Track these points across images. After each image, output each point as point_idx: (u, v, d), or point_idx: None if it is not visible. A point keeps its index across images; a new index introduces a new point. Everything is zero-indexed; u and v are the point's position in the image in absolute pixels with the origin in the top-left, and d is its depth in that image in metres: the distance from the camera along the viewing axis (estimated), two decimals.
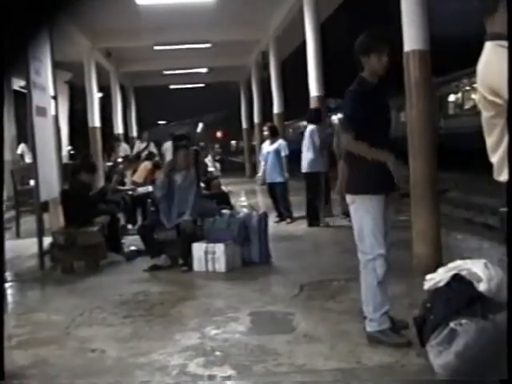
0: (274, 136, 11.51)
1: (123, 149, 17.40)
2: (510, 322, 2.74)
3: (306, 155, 10.51)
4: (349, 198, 4.77)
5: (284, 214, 11.36)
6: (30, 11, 1.88)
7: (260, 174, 11.83)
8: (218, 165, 15.35)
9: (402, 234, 7.29)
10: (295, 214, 11.39)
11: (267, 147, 11.49)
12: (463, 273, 4.25)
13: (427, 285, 4.43)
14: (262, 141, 13.06)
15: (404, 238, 7.11)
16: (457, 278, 4.23)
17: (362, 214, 4.64)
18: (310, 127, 10.59)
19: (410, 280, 6.13)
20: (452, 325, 3.89)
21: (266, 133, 11.87)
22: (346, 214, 10.92)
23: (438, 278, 4.38)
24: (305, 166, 10.59)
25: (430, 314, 4.15)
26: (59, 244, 8.08)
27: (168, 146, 18.50)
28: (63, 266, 8.00)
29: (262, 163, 11.67)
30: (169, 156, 16.07)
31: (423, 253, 6.76)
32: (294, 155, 11.33)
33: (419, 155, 6.76)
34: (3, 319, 4.06)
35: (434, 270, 4.70)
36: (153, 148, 18.44)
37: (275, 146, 11.28)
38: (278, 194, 11.40)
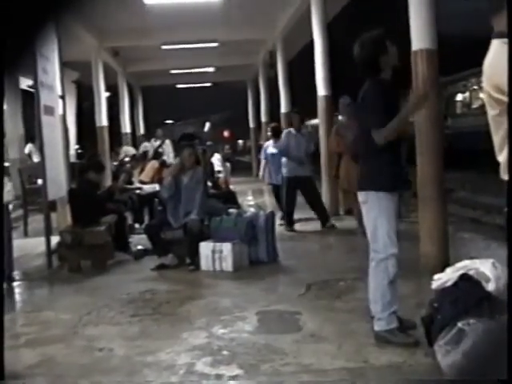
0: (276, 137, 11.42)
1: (124, 151, 17.45)
2: (510, 321, 2.75)
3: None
4: (361, 196, 4.77)
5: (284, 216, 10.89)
6: (36, 9, 1.88)
7: (261, 172, 11.84)
8: (228, 165, 15.32)
9: (410, 234, 7.27)
10: (300, 216, 11.23)
11: (271, 148, 11.42)
12: (471, 272, 4.24)
13: (435, 284, 4.42)
14: (268, 140, 13.02)
15: (411, 237, 7.10)
16: (465, 278, 4.23)
17: (376, 213, 4.63)
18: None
19: (417, 280, 6.14)
20: (460, 325, 3.89)
21: (269, 133, 11.86)
22: (348, 212, 10.90)
23: (445, 277, 4.37)
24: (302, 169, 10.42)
25: (438, 313, 4.15)
26: (67, 243, 8.09)
27: (168, 144, 18.57)
28: (70, 265, 8.02)
29: (263, 162, 11.67)
30: (169, 155, 16.13)
31: (430, 252, 6.75)
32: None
33: (426, 155, 6.75)
34: (3, 319, 4.07)
35: (441, 269, 4.70)
36: (168, 146, 18.45)
37: None
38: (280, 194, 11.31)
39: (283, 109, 17.10)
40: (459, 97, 23.49)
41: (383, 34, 4.70)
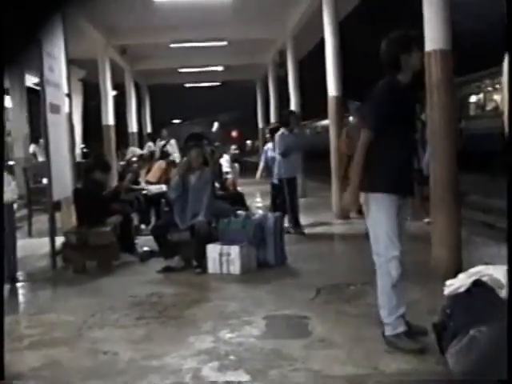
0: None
1: (131, 151, 17.48)
2: (510, 322, 2.69)
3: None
4: (362, 198, 4.69)
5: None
6: (42, 5, 1.81)
7: (259, 173, 11.78)
8: (236, 165, 15.23)
9: (421, 238, 7.18)
10: (308, 219, 11.08)
11: (271, 151, 11.20)
12: (484, 278, 4.17)
13: (447, 290, 4.35)
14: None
15: (423, 241, 7.00)
16: (478, 284, 4.16)
17: (376, 215, 4.59)
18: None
19: (429, 285, 6.03)
20: (472, 332, 3.81)
21: (268, 135, 11.76)
22: (359, 213, 10.75)
23: (458, 283, 4.29)
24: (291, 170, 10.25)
25: (450, 320, 4.08)
26: (71, 244, 8.04)
27: (172, 145, 18.58)
28: (75, 266, 7.96)
29: (262, 164, 11.60)
30: (173, 155, 16.10)
31: (443, 257, 6.66)
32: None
33: (440, 157, 6.65)
34: (3, 319, 4.00)
35: (453, 274, 4.64)
36: (173, 146, 18.41)
37: None
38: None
39: (293, 109, 17.00)
40: (473, 98, 23.35)
41: (412, 35, 4.70)
